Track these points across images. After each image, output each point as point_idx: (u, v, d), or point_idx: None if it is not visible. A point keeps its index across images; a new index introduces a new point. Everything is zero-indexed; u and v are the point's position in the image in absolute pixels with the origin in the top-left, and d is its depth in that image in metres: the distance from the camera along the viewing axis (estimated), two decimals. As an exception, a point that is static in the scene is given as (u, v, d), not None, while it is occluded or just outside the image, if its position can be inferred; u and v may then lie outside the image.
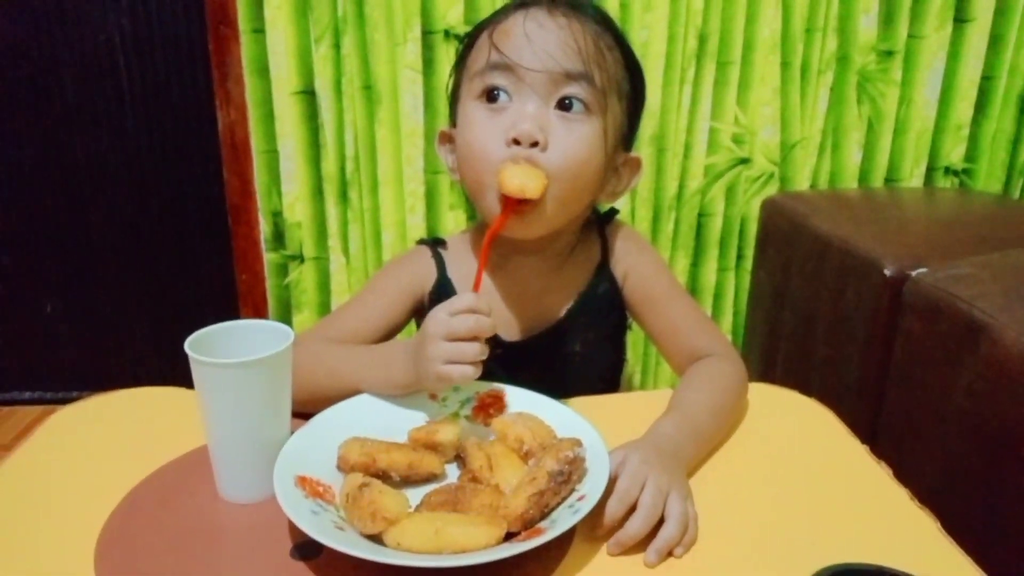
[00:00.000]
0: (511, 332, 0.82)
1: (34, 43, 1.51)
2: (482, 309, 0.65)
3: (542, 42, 0.71)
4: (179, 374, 0.60)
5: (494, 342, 0.67)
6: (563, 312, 0.82)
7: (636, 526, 0.56)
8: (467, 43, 0.79)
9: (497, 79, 0.72)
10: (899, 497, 0.63)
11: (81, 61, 1.52)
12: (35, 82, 1.53)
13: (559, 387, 0.75)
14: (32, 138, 1.57)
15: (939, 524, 0.60)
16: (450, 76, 0.82)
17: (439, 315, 0.66)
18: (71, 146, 1.58)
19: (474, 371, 0.65)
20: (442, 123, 1.36)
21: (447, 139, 0.83)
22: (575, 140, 0.72)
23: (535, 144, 0.70)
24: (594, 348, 0.85)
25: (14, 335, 1.72)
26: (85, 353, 1.73)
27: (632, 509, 0.57)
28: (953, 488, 0.84)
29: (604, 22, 0.76)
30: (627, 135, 0.80)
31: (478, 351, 0.65)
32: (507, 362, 0.77)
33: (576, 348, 0.83)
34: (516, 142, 0.70)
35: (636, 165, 0.82)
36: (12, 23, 1.50)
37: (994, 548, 0.67)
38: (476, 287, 0.69)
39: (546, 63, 0.71)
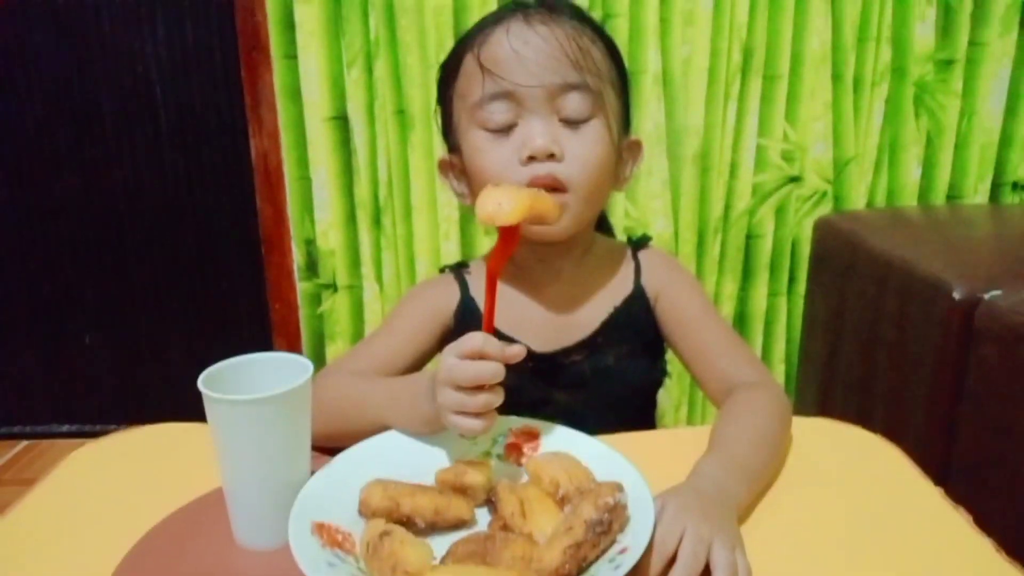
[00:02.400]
0: (542, 344, 0.79)
1: (75, 76, 1.54)
2: (490, 352, 0.60)
3: (530, 57, 0.71)
4: None
5: (525, 355, 0.63)
6: (597, 324, 0.80)
7: None
8: (450, 66, 0.78)
9: (499, 106, 0.73)
10: (983, 548, 0.57)
11: (120, 93, 1.55)
12: (76, 114, 1.56)
13: (594, 402, 0.73)
14: (72, 170, 1.60)
15: (1033, 580, 0.53)
16: (437, 104, 0.81)
17: (448, 358, 0.62)
18: (109, 177, 1.60)
19: (482, 424, 0.60)
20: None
21: (449, 167, 0.81)
22: (588, 145, 0.73)
23: (551, 157, 0.71)
24: (629, 363, 0.82)
25: (53, 367, 1.74)
26: (122, 385, 1.74)
27: (673, 561, 0.52)
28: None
29: (579, 16, 0.76)
30: (624, 120, 0.80)
31: (484, 402, 0.60)
32: (539, 375, 0.75)
33: (610, 362, 0.81)
34: (532, 159, 0.70)
35: (637, 147, 0.82)
36: (55, 56, 1.53)
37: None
38: (487, 327, 0.63)
39: (539, 79, 0.71)
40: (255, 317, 1.56)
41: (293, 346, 1.46)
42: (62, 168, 1.60)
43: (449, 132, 0.80)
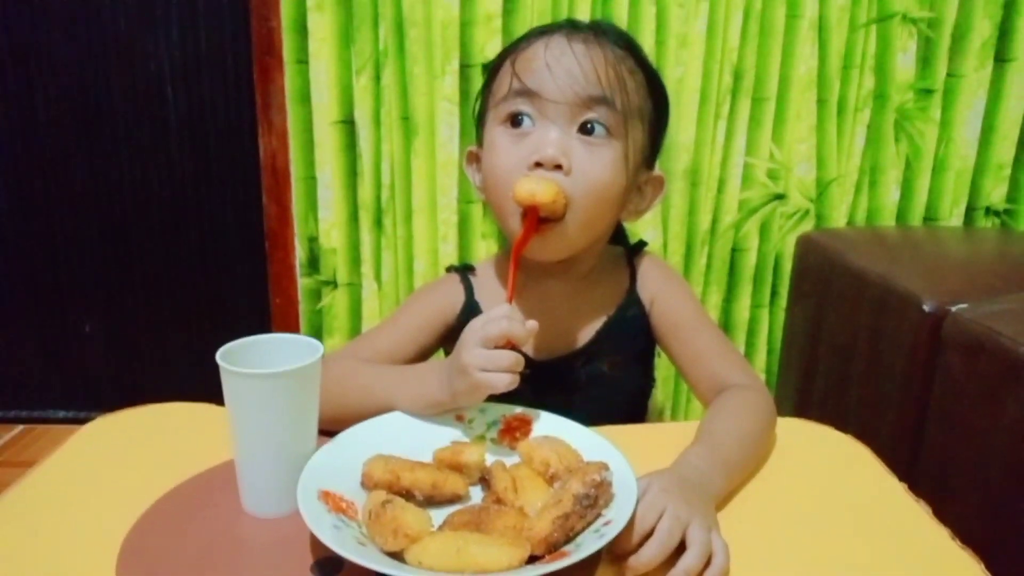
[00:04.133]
0: (539, 352, 0.82)
1: (88, 73, 1.57)
2: (516, 319, 0.65)
3: (563, 69, 0.73)
4: (214, 395, 0.61)
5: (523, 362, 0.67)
6: (591, 335, 0.83)
7: (648, 553, 0.54)
8: (493, 68, 0.81)
9: (520, 105, 0.74)
10: (940, 537, 0.61)
11: (132, 91, 1.58)
12: (87, 110, 1.59)
13: (587, 409, 0.75)
14: (80, 163, 1.62)
15: (983, 565, 0.57)
16: (477, 98, 0.84)
17: (474, 324, 0.67)
18: (117, 171, 1.63)
19: (511, 379, 0.65)
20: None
21: (475, 159, 0.85)
22: (598, 164, 0.73)
23: (558, 168, 0.72)
24: (622, 371, 0.85)
25: (52, 353, 1.76)
26: (121, 373, 1.76)
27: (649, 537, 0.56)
28: (995, 533, 0.80)
29: (627, 46, 0.78)
30: (649, 155, 0.81)
31: (514, 359, 0.65)
32: (535, 382, 0.78)
33: (604, 370, 0.84)
34: (539, 165, 0.72)
35: (659, 183, 0.83)
36: (68, 53, 1.56)
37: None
38: (509, 299, 0.69)
39: (567, 90, 0.72)
40: (255, 310, 1.59)
41: (291, 340, 1.48)
42: (69, 160, 1.62)
43: (480, 128, 0.83)
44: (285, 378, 0.59)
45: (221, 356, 0.60)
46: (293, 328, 1.48)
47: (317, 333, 1.50)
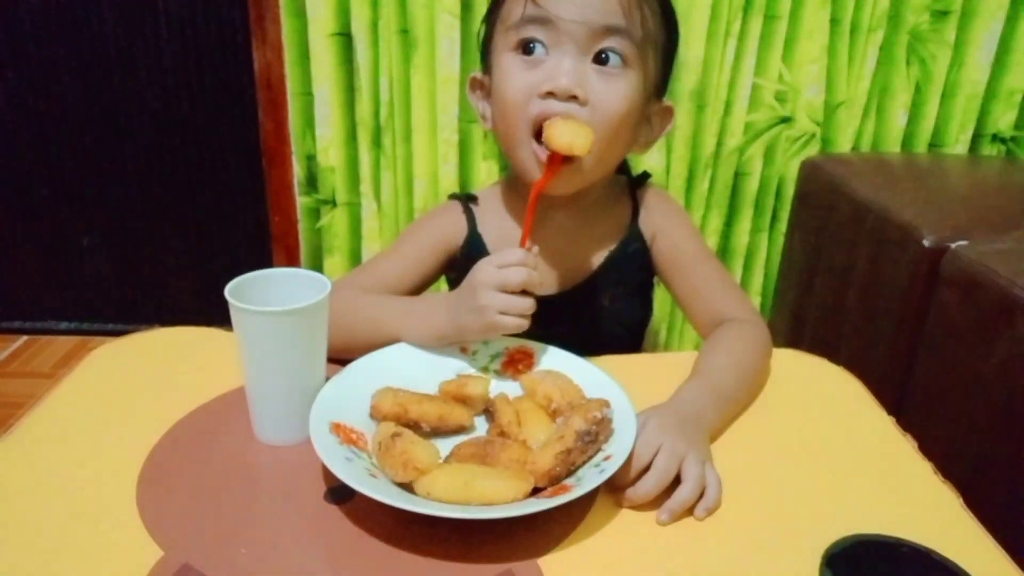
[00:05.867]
0: (543, 286, 0.83)
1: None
2: (531, 264, 0.67)
3: None
4: (212, 308, 0.61)
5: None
6: (593, 268, 0.83)
7: (646, 486, 0.57)
8: None
9: (534, 32, 0.71)
10: (923, 470, 0.64)
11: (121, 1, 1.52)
12: (73, 16, 1.53)
13: (588, 339, 0.76)
14: (70, 72, 1.58)
15: (961, 500, 0.60)
16: (482, 23, 0.81)
17: (489, 268, 0.67)
18: (109, 81, 1.59)
19: (524, 323, 0.67)
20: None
21: (479, 85, 0.82)
22: (614, 95, 0.72)
23: (573, 98, 0.70)
24: (622, 303, 0.86)
25: (52, 267, 1.77)
26: (120, 286, 1.77)
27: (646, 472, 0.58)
28: (977, 464, 0.84)
29: None
30: (660, 84, 0.80)
31: (529, 304, 0.66)
32: (538, 315, 0.79)
33: (605, 303, 0.85)
34: (551, 95, 0.70)
35: (668, 113, 0.81)
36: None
37: (1016, 529, 0.67)
38: (523, 242, 0.69)
39: (585, 15, 0.70)
40: (254, 228, 1.58)
41: (292, 258, 1.49)
42: (60, 72, 1.58)
43: (486, 54, 0.80)
44: (295, 315, 0.60)
45: (230, 292, 0.60)
46: (293, 246, 1.48)
47: (317, 252, 1.50)
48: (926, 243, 0.96)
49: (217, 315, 0.60)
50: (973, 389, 0.86)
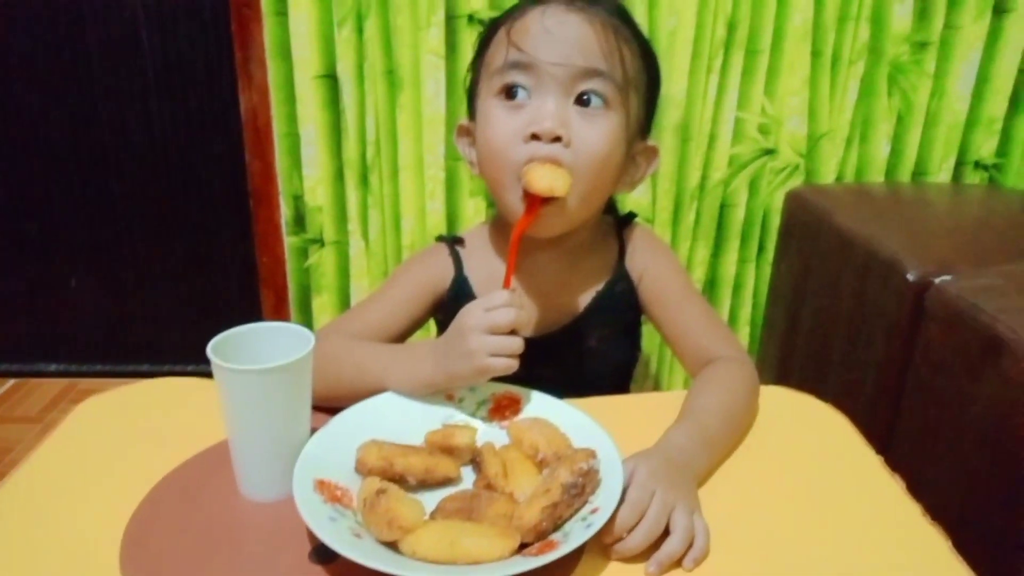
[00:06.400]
0: (529, 328, 0.83)
1: (61, 17, 1.51)
2: (517, 305, 0.67)
3: (561, 38, 0.71)
4: (200, 350, 0.61)
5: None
6: (581, 309, 0.84)
7: (637, 539, 0.57)
8: (484, 38, 0.79)
9: (516, 76, 0.73)
10: (911, 513, 0.63)
11: (106, 37, 1.53)
12: (60, 56, 1.54)
13: (576, 380, 0.77)
14: (58, 111, 1.58)
15: (950, 543, 0.60)
16: (468, 71, 0.82)
17: (476, 311, 0.67)
18: (97, 121, 1.59)
19: (515, 363, 0.67)
20: (465, 110, 1.35)
21: (465, 132, 0.84)
22: (596, 136, 0.73)
23: (557, 140, 0.71)
24: (610, 343, 0.86)
25: (39, 308, 1.76)
26: (108, 326, 1.76)
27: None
28: (967, 504, 0.84)
29: (621, 15, 0.76)
30: (644, 124, 0.81)
31: (519, 344, 0.67)
32: (525, 357, 0.79)
33: (592, 344, 0.85)
34: (536, 137, 0.71)
35: (653, 153, 0.82)
36: (40, 3, 1.50)
37: (1006, 567, 0.67)
38: (507, 284, 0.69)
39: (565, 59, 0.71)
40: (243, 267, 1.58)
41: (280, 297, 1.49)
42: (46, 112, 1.58)
43: (472, 101, 0.81)
44: (278, 372, 0.60)
45: (212, 349, 0.60)
46: (281, 286, 1.48)
47: (305, 292, 1.50)
48: (910, 277, 0.97)
49: (205, 356, 0.60)
50: (961, 426, 0.86)
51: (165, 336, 1.72)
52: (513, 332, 0.67)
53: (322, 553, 0.57)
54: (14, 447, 1.54)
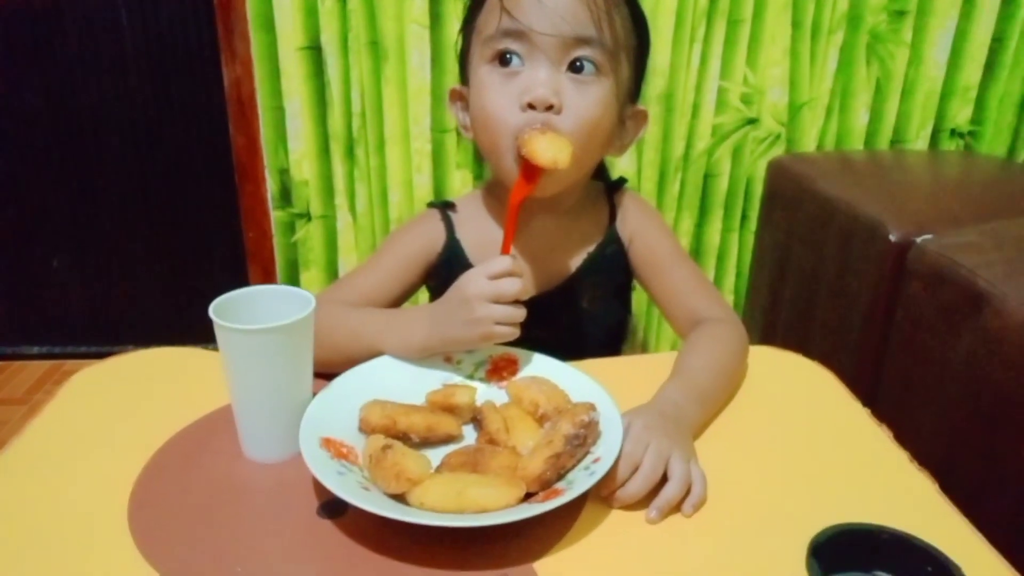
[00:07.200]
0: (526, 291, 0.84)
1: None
2: (517, 272, 0.68)
3: (553, 6, 0.72)
4: (186, 329, 0.62)
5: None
6: (572, 271, 0.85)
7: (635, 486, 0.58)
8: (474, 5, 0.79)
9: (509, 44, 0.73)
10: (899, 459, 0.66)
11: (83, 12, 1.49)
12: (37, 32, 1.51)
13: (569, 342, 0.78)
14: (35, 89, 1.55)
15: (937, 485, 0.62)
16: (459, 35, 0.82)
17: (479, 280, 0.68)
18: (74, 98, 1.56)
19: (518, 331, 0.68)
20: (450, 80, 1.35)
21: (458, 97, 0.84)
22: (588, 102, 0.74)
23: (550, 108, 0.72)
24: (601, 305, 0.87)
25: (21, 289, 1.73)
26: (92, 307, 1.74)
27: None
28: (951, 452, 0.87)
29: None
30: (634, 89, 0.82)
31: (523, 313, 0.68)
32: None
33: (584, 305, 0.86)
34: (531, 106, 0.72)
35: (643, 117, 0.83)
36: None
37: (989, 511, 0.70)
38: (506, 250, 0.70)
39: (557, 27, 0.72)
40: (229, 243, 1.57)
41: (268, 272, 1.48)
42: (24, 91, 1.55)
43: (464, 65, 0.82)
44: (281, 332, 0.60)
45: (214, 310, 0.60)
46: (269, 261, 1.47)
47: (293, 266, 1.49)
48: (892, 238, 0.99)
49: (193, 333, 0.60)
50: (943, 378, 0.89)
51: (150, 316, 1.71)
52: (515, 300, 0.68)
53: (330, 508, 0.58)
54: (0, 428, 1.52)
